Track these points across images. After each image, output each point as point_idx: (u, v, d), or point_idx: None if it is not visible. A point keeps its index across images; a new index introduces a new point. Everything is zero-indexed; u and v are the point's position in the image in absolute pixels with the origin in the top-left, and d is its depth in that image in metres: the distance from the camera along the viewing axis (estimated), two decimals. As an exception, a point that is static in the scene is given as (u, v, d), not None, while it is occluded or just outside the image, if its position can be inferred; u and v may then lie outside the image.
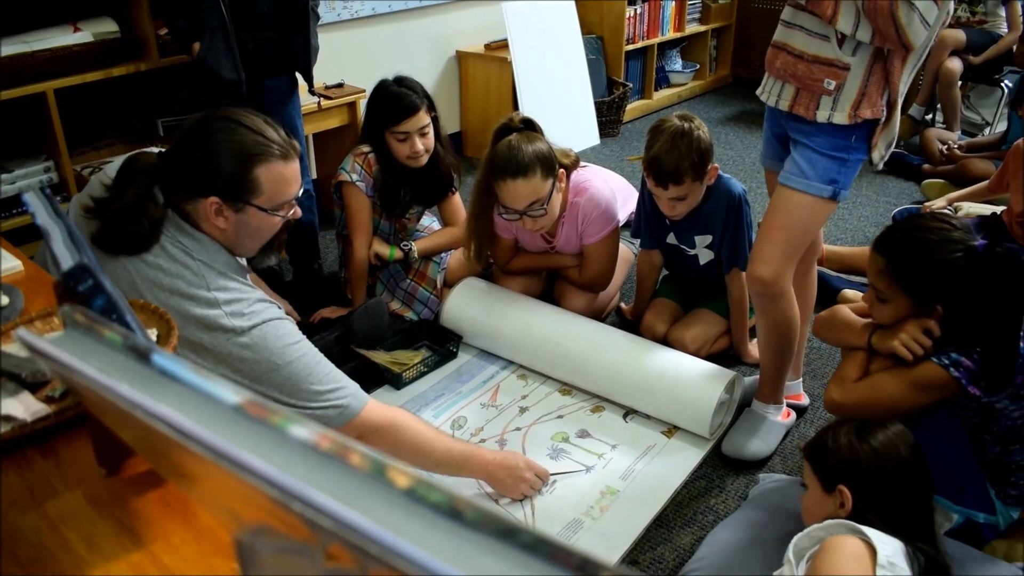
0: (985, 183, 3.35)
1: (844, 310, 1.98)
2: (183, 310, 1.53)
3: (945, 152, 4.17)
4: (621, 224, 2.80)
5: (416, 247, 2.90)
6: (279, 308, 1.68)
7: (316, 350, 1.69)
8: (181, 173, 1.58)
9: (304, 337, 1.68)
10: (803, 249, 2.04)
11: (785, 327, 2.12)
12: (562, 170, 2.56)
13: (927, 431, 1.73)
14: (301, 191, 1.68)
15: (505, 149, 2.45)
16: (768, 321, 2.13)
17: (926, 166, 4.22)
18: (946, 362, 1.70)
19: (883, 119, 1.86)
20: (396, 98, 2.67)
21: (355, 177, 2.74)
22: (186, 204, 1.58)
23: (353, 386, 1.72)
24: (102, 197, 1.60)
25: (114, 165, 1.66)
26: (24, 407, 0.96)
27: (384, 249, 2.86)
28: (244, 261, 1.77)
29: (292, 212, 1.68)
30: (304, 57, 2.74)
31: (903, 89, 1.85)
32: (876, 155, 1.90)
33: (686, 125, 2.38)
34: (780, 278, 2.01)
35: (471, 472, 1.99)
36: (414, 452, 1.82)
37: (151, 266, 1.55)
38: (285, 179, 1.61)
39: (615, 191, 2.80)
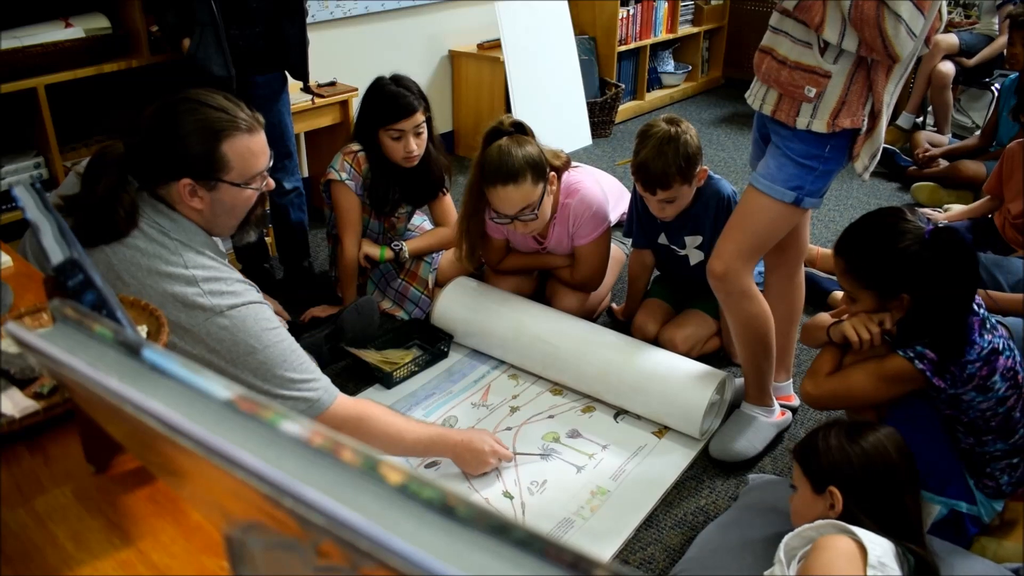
0: (982, 201, 3.33)
1: (821, 315, 2.02)
2: (161, 289, 1.54)
3: (922, 157, 4.19)
4: (612, 224, 2.80)
5: (407, 247, 2.89)
6: (258, 291, 1.68)
7: (293, 339, 1.70)
8: (150, 159, 1.59)
9: (280, 324, 1.69)
10: (763, 251, 2.05)
11: (752, 325, 2.12)
12: (553, 173, 2.56)
13: (904, 423, 1.75)
14: (271, 162, 1.69)
15: (495, 154, 2.44)
16: (733, 319, 2.14)
17: (912, 168, 4.24)
18: (911, 355, 1.73)
19: (864, 129, 1.86)
20: (393, 98, 2.67)
21: (344, 176, 2.74)
22: (160, 188, 1.60)
23: (325, 380, 1.73)
24: (73, 194, 1.60)
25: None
26: (13, 403, 0.96)
27: (374, 250, 2.86)
28: (222, 245, 1.77)
29: (265, 184, 1.69)
30: (298, 51, 2.73)
31: (888, 100, 1.85)
32: (859, 165, 1.91)
33: (673, 130, 2.38)
34: (735, 275, 2.02)
35: (438, 454, 2.07)
36: (384, 444, 1.84)
37: (129, 247, 1.56)
38: (252, 152, 1.63)
39: (606, 192, 2.80)
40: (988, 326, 1.77)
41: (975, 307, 1.78)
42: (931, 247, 1.70)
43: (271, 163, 1.70)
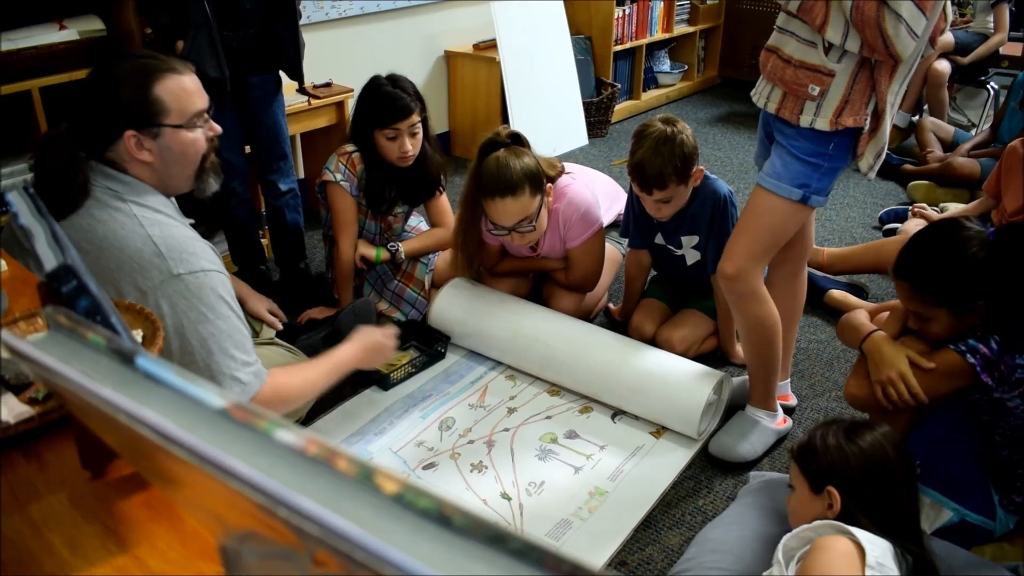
0: (980, 200, 3.33)
1: (857, 314, 1.99)
2: (117, 252, 1.54)
3: (927, 159, 4.19)
4: (609, 224, 2.80)
5: (403, 248, 2.89)
6: (219, 257, 1.68)
7: (242, 315, 1.70)
8: (90, 120, 1.60)
9: (235, 297, 1.68)
10: (773, 251, 2.05)
11: (760, 327, 2.12)
12: (549, 184, 2.56)
13: (938, 427, 1.73)
14: (210, 106, 1.70)
15: (493, 166, 2.44)
16: (742, 320, 2.14)
17: (907, 166, 4.24)
18: (963, 348, 1.72)
19: (867, 128, 1.86)
20: (390, 99, 2.66)
21: (339, 177, 2.73)
22: (108, 152, 1.60)
23: (259, 362, 1.72)
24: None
25: None
26: (7, 409, 0.95)
27: (370, 251, 2.85)
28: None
29: (209, 127, 1.69)
30: (293, 51, 2.72)
31: (892, 100, 1.85)
32: (864, 164, 1.91)
33: (669, 130, 2.38)
34: (745, 276, 2.02)
35: (349, 371, 1.99)
36: (303, 399, 1.86)
37: (83, 217, 1.57)
38: (187, 91, 1.63)
39: (600, 193, 2.80)
40: None
41: None
42: (1000, 247, 1.68)
43: (212, 108, 1.70)
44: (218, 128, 1.72)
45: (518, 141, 2.53)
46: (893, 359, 1.80)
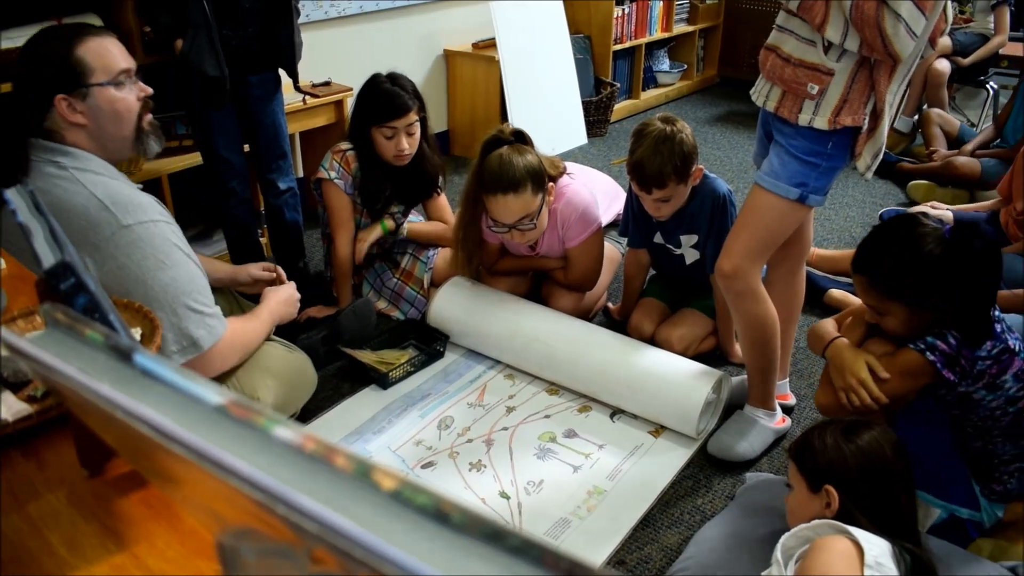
0: (992, 201, 3.32)
1: (824, 323, 1.99)
2: (65, 215, 1.57)
3: (933, 157, 4.18)
4: (608, 224, 2.79)
5: (407, 227, 2.90)
6: (165, 209, 1.72)
7: (199, 263, 1.74)
8: (23, 94, 1.66)
9: (187, 247, 1.72)
10: (770, 249, 2.05)
11: (758, 326, 2.12)
12: (551, 183, 2.56)
13: (912, 426, 1.73)
14: (135, 67, 1.74)
15: (496, 163, 2.44)
16: (740, 319, 2.14)
17: (904, 163, 4.23)
18: (922, 347, 1.72)
19: (865, 128, 1.86)
20: (389, 97, 2.66)
21: (333, 175, 2.73)
22: (45, 123, 1.65)
23: (219, 308, 1.76)
24: None
25: None
26: (5, 407, 0.95)
27: (375, 231, 2.84)
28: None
29: (140, 88, 1.73)
30: (289, 50, 2.72)
31: (891, 100, 1.85)
32: (862, 164, 1.91)
33: (669, 129, 2.38)
34: (742, 274, 2.02)
35: (274, 325, 2.09)
36: (254, 344, 1.95)
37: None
38: (108, 50, 1.68)
39: (599, 193, 2.79)
40: (1003, 328, 1.75)
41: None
42: (954, 245, 1.69)
43: (138, 69, 1.74)
44: (148, 89, 1.76)
45: (521, 139, 2.53)
46: (852, 365, 1.81)
